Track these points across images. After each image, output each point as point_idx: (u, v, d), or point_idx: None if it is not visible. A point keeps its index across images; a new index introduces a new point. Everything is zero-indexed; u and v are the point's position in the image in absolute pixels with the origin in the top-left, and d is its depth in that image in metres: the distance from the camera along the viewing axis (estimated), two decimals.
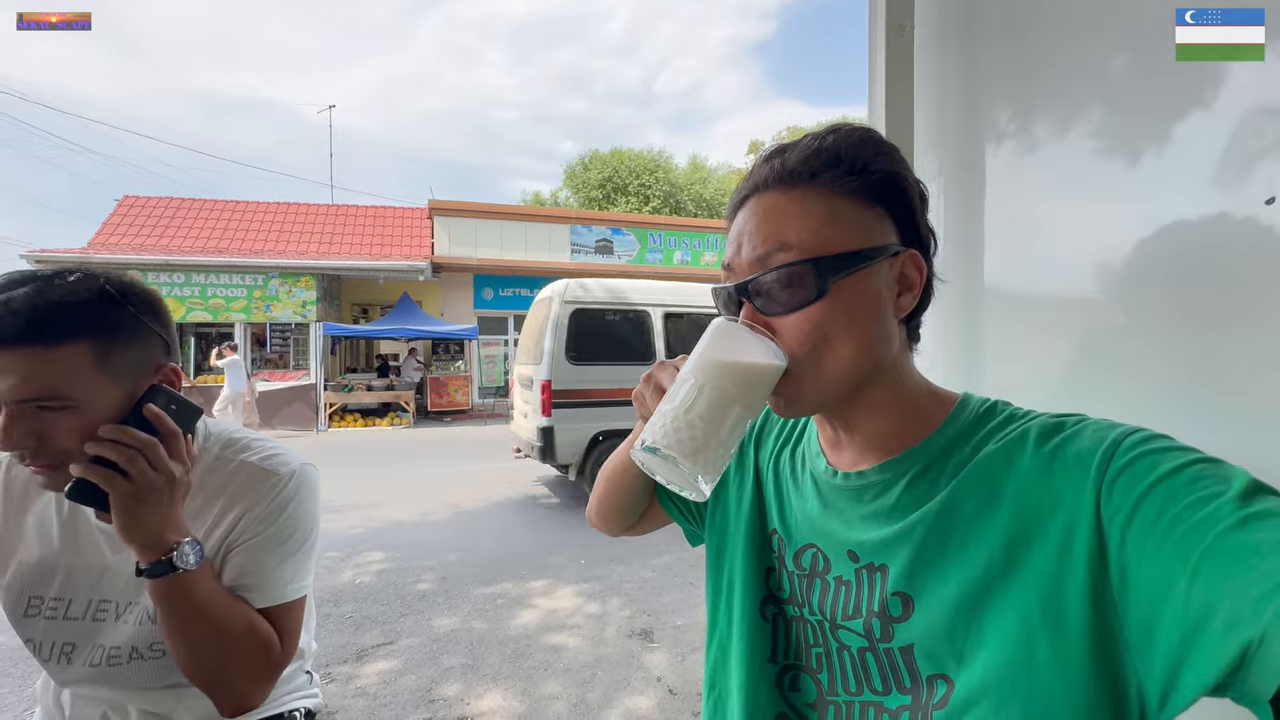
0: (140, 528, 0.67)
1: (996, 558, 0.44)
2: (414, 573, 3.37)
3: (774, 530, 0.60)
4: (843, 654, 0.52)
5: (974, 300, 0.94)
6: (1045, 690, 0.40)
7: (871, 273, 0.48)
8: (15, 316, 0.63)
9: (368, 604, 2.95)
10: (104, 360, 0.68)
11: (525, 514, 4.77)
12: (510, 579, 3.26)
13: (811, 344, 0.48)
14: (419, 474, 6.45)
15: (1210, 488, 0.36)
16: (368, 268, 11.64)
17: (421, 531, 4.23)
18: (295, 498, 0.82)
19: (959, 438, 0.50)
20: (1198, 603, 0.33)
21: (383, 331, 11.42)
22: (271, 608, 0.79)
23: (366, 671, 2.32)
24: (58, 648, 0.78)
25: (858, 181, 0.48)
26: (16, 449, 0.66)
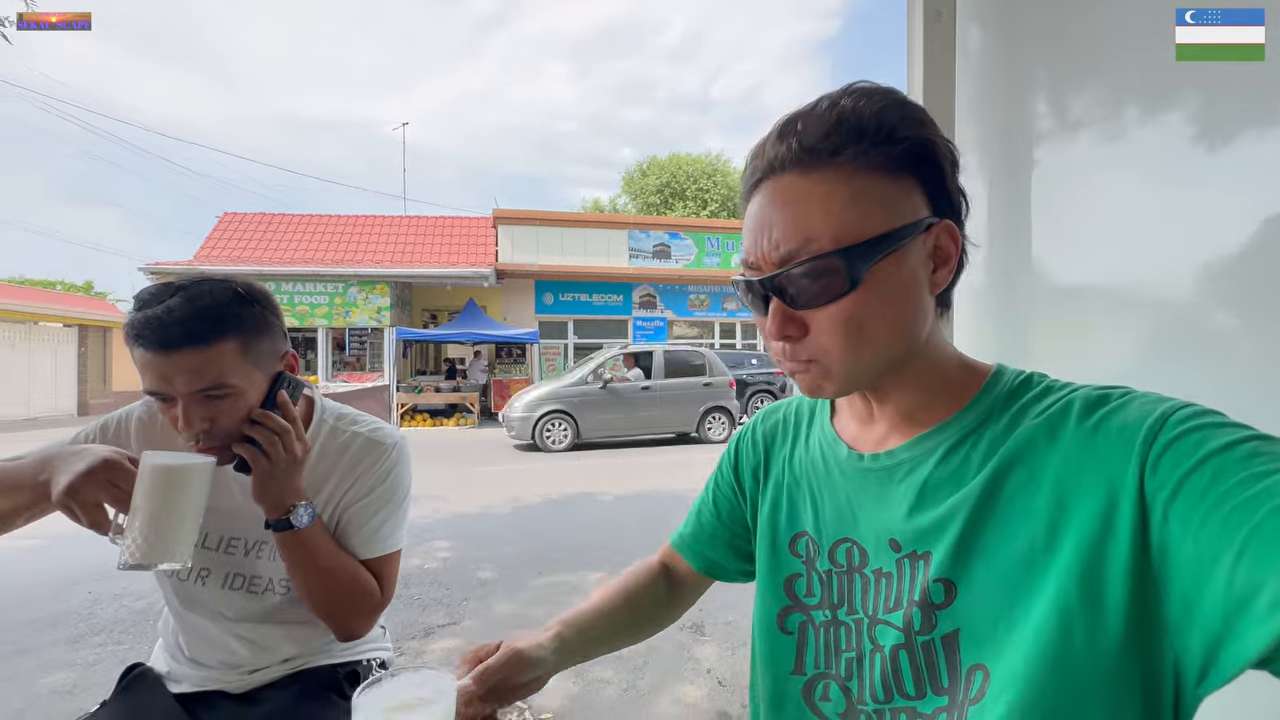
0: (269, 494, 0.83)
1: (1039, 536, 0.42)
2: (476, 561, 3.54)
3: (803, 532, 0.58)
4: (875, 656, 0.49)
5: (1020, 295, 0.93)
6: (1079, 672, 0.39)
7: (905, 253, 0.45)
8: (179, 325, 0.76)
9: (434, 588, 3.13)
10: (248, 352, 0.81)
11: (581, 510, 4.89)
12: (566, 570, 3.37)
13: (846, 336, 0.45)
14: (481, 470, 6.72)
15: (1265, 465, 0.34)
16: (436, 275, 12.23)
17: (484, 523, 4.43)
18: (397, 465, 0.97)
19: (992, 411, 0.48)
20: (1242, 580, 0.32)
21: (450, 336, 11.96)
22: (374, 559, 0.93)
23: (432, 648, 2.47)
24: (196, 572, 0.92)
25: (884, 153, 0.44)
26: (195, 432, 0.79)
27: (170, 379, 0.76)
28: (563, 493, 5.46)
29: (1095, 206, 0.81)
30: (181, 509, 0.72)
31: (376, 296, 11.76)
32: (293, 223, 13.80)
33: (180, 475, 0.72)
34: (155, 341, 0.75)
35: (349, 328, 11.90)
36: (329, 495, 0.93)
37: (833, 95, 0.47)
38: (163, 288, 0.80)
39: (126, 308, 12.99)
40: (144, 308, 0.78)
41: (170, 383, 0.77)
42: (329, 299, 11.63)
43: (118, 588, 3.11)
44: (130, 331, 0.77)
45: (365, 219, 14.26)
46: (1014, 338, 0.95)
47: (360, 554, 0.93)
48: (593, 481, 5.94)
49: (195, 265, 11.49)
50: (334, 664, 1.00)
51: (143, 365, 0.77)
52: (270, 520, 0.84)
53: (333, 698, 0.95)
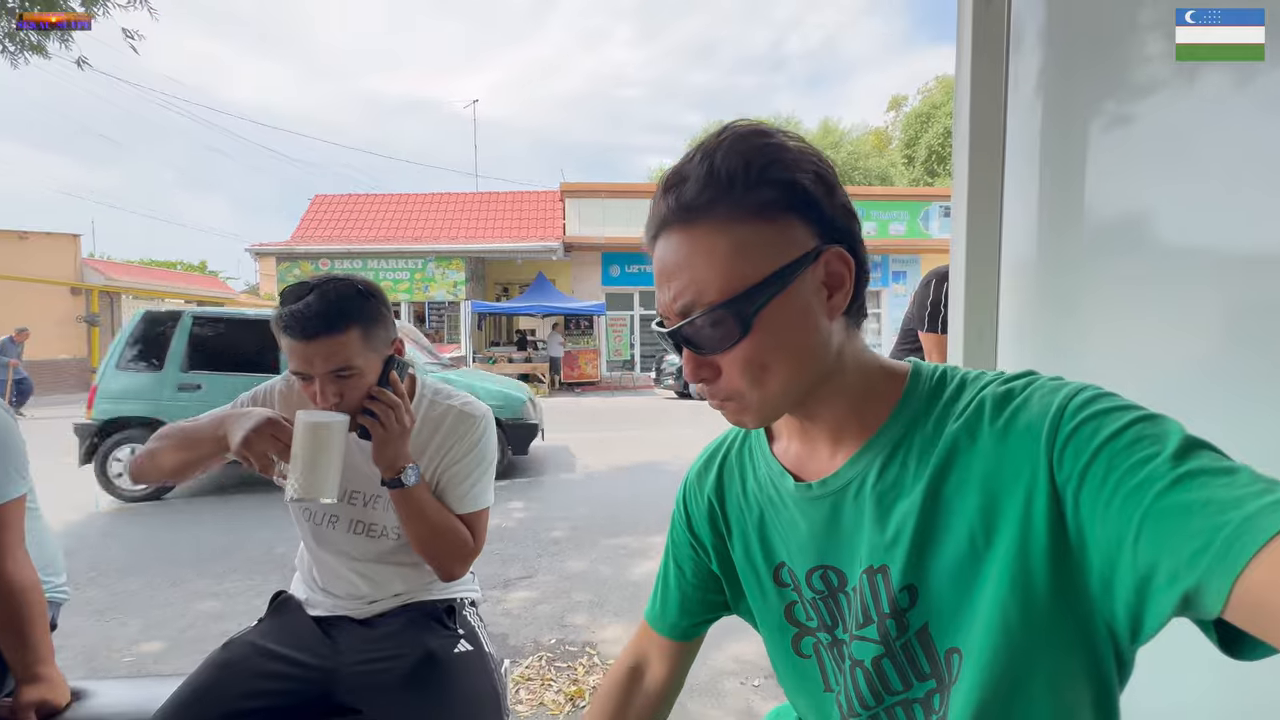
0: (384, 457, 0.99)
1: (978, 533, 0.46)
2: (549, 521, 3.80)
3: (781, 563, 0.59)
4: (856, 670, 0.53)
5: (1075, 280, 0.91)
6: (1021, 643, 0.44)
7: (793, 290, 0.47)
8: (318, 318, 0.93)
9: (511, 544, 3.40)
10: (368, 339, 0.97)
11: (649, 477, 5.08)
12: (632, 533, 3.56)
13: (750, 376, 0.48)
14: (552, 438, 7.06)
15: (1147, 449, 0.38)
16: (507, 249, 12.66)
17: (555, 487, 4.71)
18: (485, 434, 1.13)
19: (917, 415, 0.51)
20: (1143, 560, 0.37)
21: (521, 308, 12.41)
22: (467, 514, 1.10)
23: (511, 598, 2.72)
24: (327, 517, 1.12)
25: (755, 199, 0.46)
26: (329, 404, 0.96)
27: (310, 361, 0.94)
28: (632, 461, 5.67)
29: (1160, 166, 0.77)
30: (329, 454, 0.90)
31: (453, 271, 12.35)
32: (376, 202, 14.62)
33: (326, 429, 0.90)
34: (299, 332, 0.93)
35: (428, 301, 12.58)
36: (429, 459, 1.09)
37: (707, 145, 0.48)
38: (301, 285, 0.97)
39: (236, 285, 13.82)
40: (288, 303, 0.95)
41: (310, 364, 0.94)
42: (410, 274, 12.33)
43: (244, 538, 3.59)
44: (279, 323, 0.95)
45: (441, 196, 14.88)
46: (1068, 321, 0.93)
47: (456, 510, 1.09)
48: (659, 451, 6.12)
49: (294, 245, 12.44)
50: (435, 600, 1.18)
51: (289, 350, 0.95)
52: (385, 479, 1.01)
53: (434, 625, 1.13)
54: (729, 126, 0.49)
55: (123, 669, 2.17)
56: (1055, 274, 0.95)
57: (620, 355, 14.13)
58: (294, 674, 1.03)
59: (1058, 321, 0.95)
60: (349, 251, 12.25)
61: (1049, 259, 0.96)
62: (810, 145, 0.49)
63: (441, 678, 1.03)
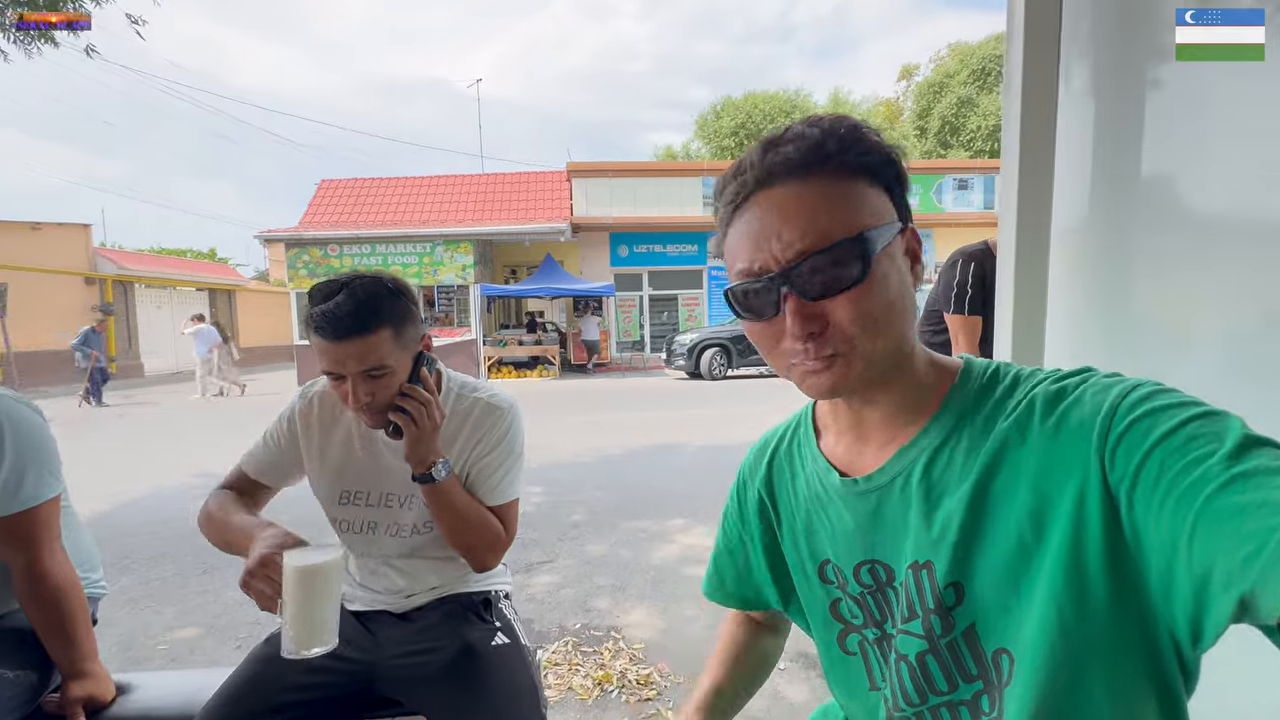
0: (416, 453, 0.99)
1: (1027, 531, 0.46)
2: (568, 506, 3.82)
3: (827, 559, 0.59)
4: (901, 665, 0.53)
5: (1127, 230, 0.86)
6: (1077, 645, 0.43)
7: (894, 247, 0.49)
8: (349, 318, 0.92)
9: (531, 529, 3.43)
10: (399, 338, 0.97)
11: (663, 460, 5.09)
12: (651, 517, 3.57)
13: (864, 322, 0.47)
14: (566, 421, 7.09)
15: (1202, 447, 0.37)
16: (515, 231, 12.59)
17: (573, 471, 4.73)
18: (512, 426, 1.12)
19: (964, 413, 0.51)
20: (1198, 562, 0.36)
21: (530, 290, 12.39)
22: (497, 506, 1.10)
23: (534, 582, 2.75)
24: (365, 525, 1.12)
25: (863, 162, 0.48)
26: (361, 404, 0.96)
27: (343, 362, 0.94)
28: (645, 444, 5.69)
29: (1226, 131, 0.73)
30: (323, 603, 0.81)
31: (461, 255, 12.31)
32: (383, 186, 14.55)
33: (316, 573, 0.80)
34: (330, 333, 0.92)
35: (437, 285, 12.57)
36: (458, 453, 1.09)
37: (802, 123, 0.50)
38: (330, 283, 0.96)
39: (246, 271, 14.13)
40: (318, 302, 0.94)
41: (343, 365, 0.94)
42: (419, 258, 12.31)
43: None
44: (311, 324, 0.94)
45: (447, 179, 14.78)
46: (1117, 278, 0.90)
47: (487, 501, 1.09)
48: (671, 433, 6.13)
49: (302, 231, 12.44)
50: (470, 592, 1.18)
51: (320, 351, 0.94)
52: (416, 475, 1.01)
53: (471, 618, 1.13)
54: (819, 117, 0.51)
55: (159, 657, 2.22)
56: (1109, 252, 0.92)
57: (630, 336, 14.12)
58: (336, 667, 1.03)
59: (1111, 301, 0.92)
60: (357, 236, 12.24)
61: (1101, 235, 0.92)
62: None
63: (480, 670, 1.03)
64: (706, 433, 6.05)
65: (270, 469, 1.15)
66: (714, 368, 10.71)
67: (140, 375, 14.60)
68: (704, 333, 11.12)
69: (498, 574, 1.26)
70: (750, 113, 23.67)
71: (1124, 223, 0.88)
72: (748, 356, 10.81)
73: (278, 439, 1.15)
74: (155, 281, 15.74)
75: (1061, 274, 0.97)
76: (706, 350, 10.75)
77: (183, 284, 16.91)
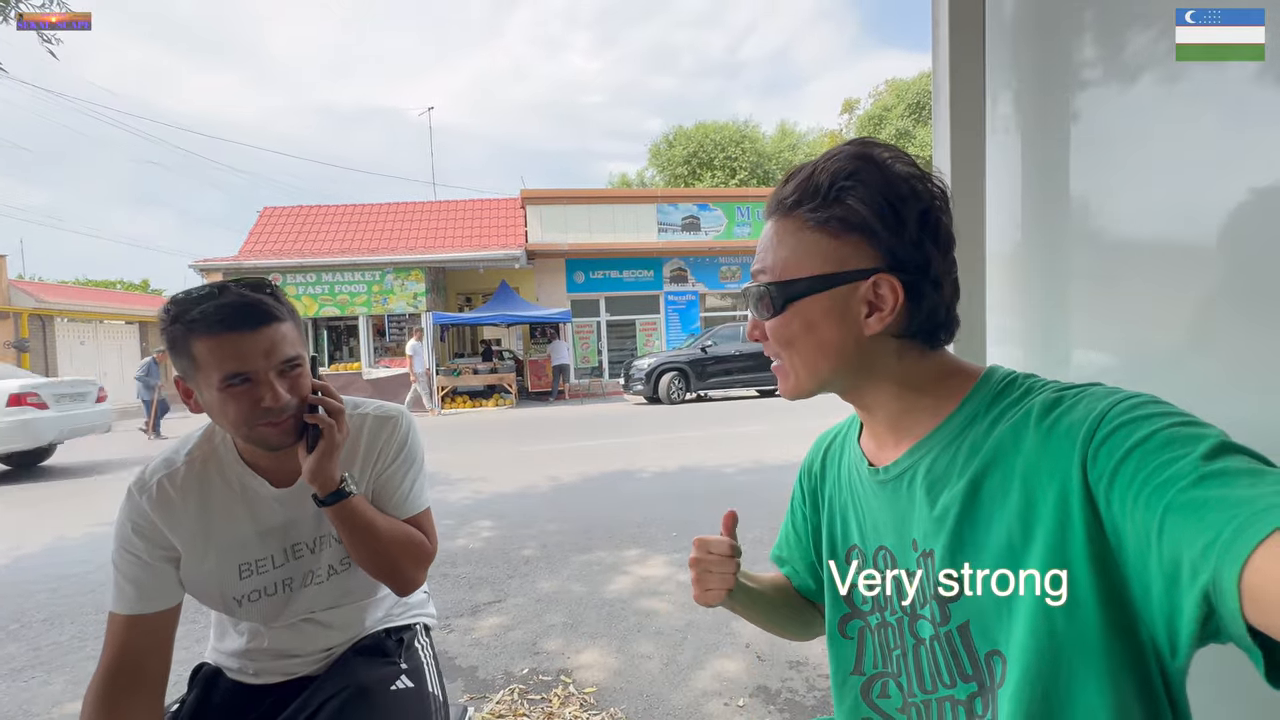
0: (324, 470, 0.88)
1: (1015, 532, 0.47)
2: (519, 540, 3.65)
3: (854, 546, 0.64)
4: (918, 650, 0.55)
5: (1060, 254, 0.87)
6: (1070, 652, 0.44)
7: (825, 297, 0.54)
8: (256, 307, 0.83)
9: (480, 566, 3.25)
10: (298, 332, 0.90)
11: (619, 488, 4.97)
12: (605, 548, 3.45)
13: (778, 346, 0.58)
14: (521, 450, 6.88)
15: (1179, 449, 0.38)
16: (468, 259, 12.40)
17: (525, 502, 4.55)
18: (409, 433, 1.04)
19: (975, 415, 0.53)
20: (1168, 557, 0.37)
21: (485, 318, 12.16)
22: (414, 516, 1.02)
23: (480, 625, 2.57)
24: (279, 585, 0.97)
25: (830, 214, 0.53)
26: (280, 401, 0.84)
27: (252, 356, 0.82)
28: (600, 470, 5.56)
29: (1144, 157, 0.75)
30: None
31: (412, 283, 12.01)
32: (329, 214, 14.15)
33: None
34: (239, 324, 0.81)
35: (388, 314, 12.20)
36: (358, 473, 0.99)
37: (824, 156, 0.56)
38: (201, 289, 0.85)
39: None
40: (202, 302, 0.82)
41: (255, 360, 0.82)
42: (367, 287, 11.94)
43: None
44: (204, 320, 0.80)
45: (397, 206, 14.50)
46: (1051, 297, 0.90)
47: (399, 515, 1.00)
48: (631, 458, 6.02)
49: (241, 260, 11.92)
50: (388, 628, 1.08)
51: (222, 351, 0.81)
52: (324, 497, 0.89)
53: (375, 657, 1.02)
54: (851, 141, 0.56)
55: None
56: (1041, 269, 0.92)
57: (588, 362, 13.99)
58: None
59: (1046, 316, 0.93)
60: (301, 265, 11.79)
61: (1035, 254, 0.93)
62: (919, 173, 0.54)
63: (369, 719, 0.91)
64: (662, 458, 5.97)
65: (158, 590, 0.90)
66: (672, 392, 10.69)
67: None
68: (661, 357, 11.12)
69: (418, 604, 1.15)
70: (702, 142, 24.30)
71: (1054, 244, 0.89)
72: (706, 380, 10.85)
73: (138, 556, 0.90)
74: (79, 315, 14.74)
75: (998, 297, 0.98)
76: (664, 374, 10.74)
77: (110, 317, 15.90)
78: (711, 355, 10.88)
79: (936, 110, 0.99)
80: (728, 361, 10.86)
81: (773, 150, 24.90)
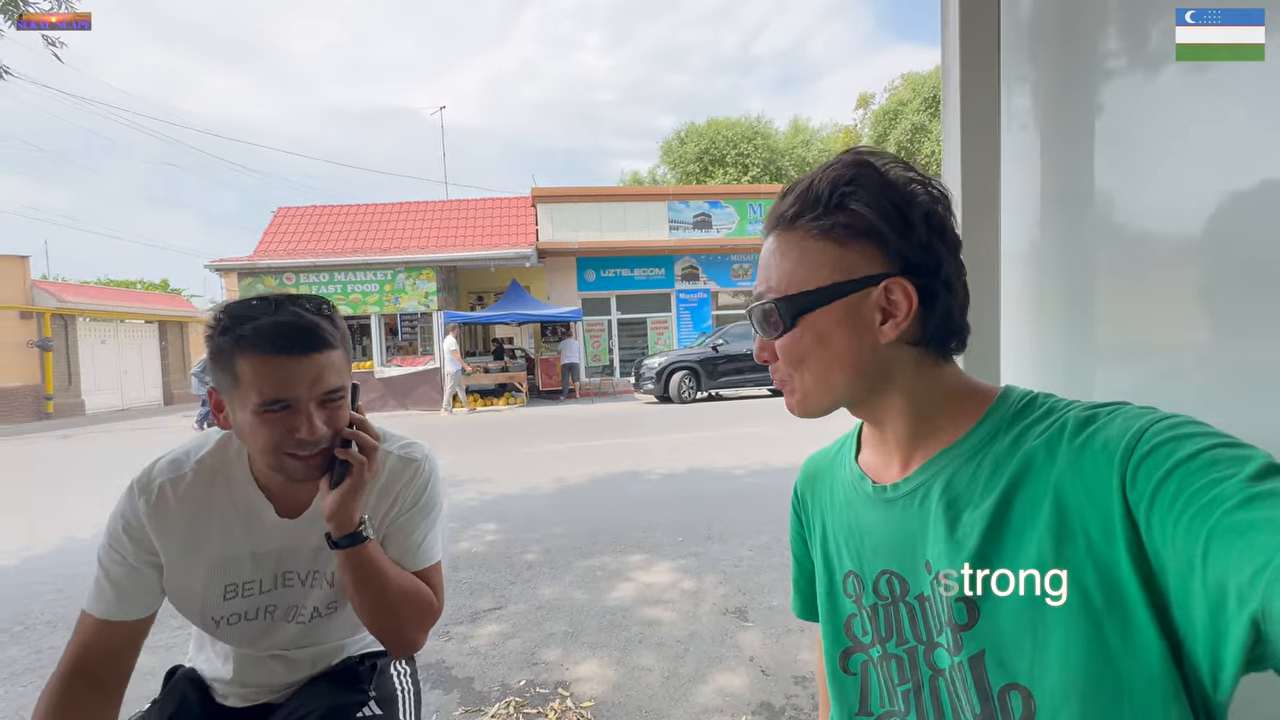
0: (345, 509, 0.82)
1: (1046, 551, 0.44)
2: (522, 544, 3.61)
3: (850, 573, 0.61)
4: (935, 682, 0.51)
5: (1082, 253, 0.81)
6: (1126, 678, 0.40)
7: (843, 305, 0.52)
8: (310, 330, 0.77)
9: (481, 571, 3.21)
10: (347, 360, 0.85)
11: (626, 490, 4.91)
12: (610, 553, 3.39)
13: (790, 364, 0.56)
14: (529, 450, 6.86)
15: (1223, 470, 0.37)
16: (480, 258, 12.42)
17: (530, 504, 4.51)
18: (430, 479, 0.97)
19: (996, 433, 0.51)
20: (1213, 582, 0.35)
21: (496, 317, 12.18)
22: (424, 569, 0.94)
23: (479, 633, 2.53)
24: (261, 611, 0.92)
25: (833, 221, 0.52)
26: (316, 434, 0.78)
27: (294, 384, 0.76)
28: (608, 472, 5.50)
29: (1170, 150, 0.71)
30: None
31: (424, 282, 12.06)
32: (342, 214, 14.25)
33: None
34: (285, 346, 0.76)
35: (400, 313, 12.26)
36: (373, 512, 0.92)
37: (822, 166, 0.54)
38: (263, 299, 0.80)
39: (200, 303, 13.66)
40: (257, 316, 0.77)
41: (298, 387, 0.77)
42: (379, 286, 12.01)
43: None
44: (255, 338, 0.75)
45: (409, 205, 14.56)
46: (1075, 298, 0.84)
47: (408, 567, 0.93)
48: (640, 459, 5.96)
49: (256, 260, 12.04)
50: (363, 654, 1.03)
51: (266, 373, 0.75)
52: (339, 539, 0.83)
53: (344, 682, 0.98)
54: (849, 150, 0.55)
55: None
56: (1061, 275, 0.85)
57: (599, 361, 13.95)
58: None
59: (1066, 323, 0.86)
60: (314, 265, 11.88)
61: (1052, 258, 0.86)
62: (919, 178, 0.53)
63: None
64: (670, 459, 5.90)
65: (137, 595, 0.87)
66: (683, 391, 10.61)
67: (80, 413, 13.80)
68: (672, 356, 11.04)
69: None
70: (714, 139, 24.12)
71: (1074, 244, 0.84)
72: (717, 379, 10.75)
73: (124, 557, 0.87)
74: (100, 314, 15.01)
75: (1014, 299, 0.92)
76: (675, 373, 10.66)
77: (130, 316, 16.18)
78: (723, 354, 10.78)
79: (946, 106, 0.94)
80: (739, 360, 10.74)
81: (786, 146, 24.65)
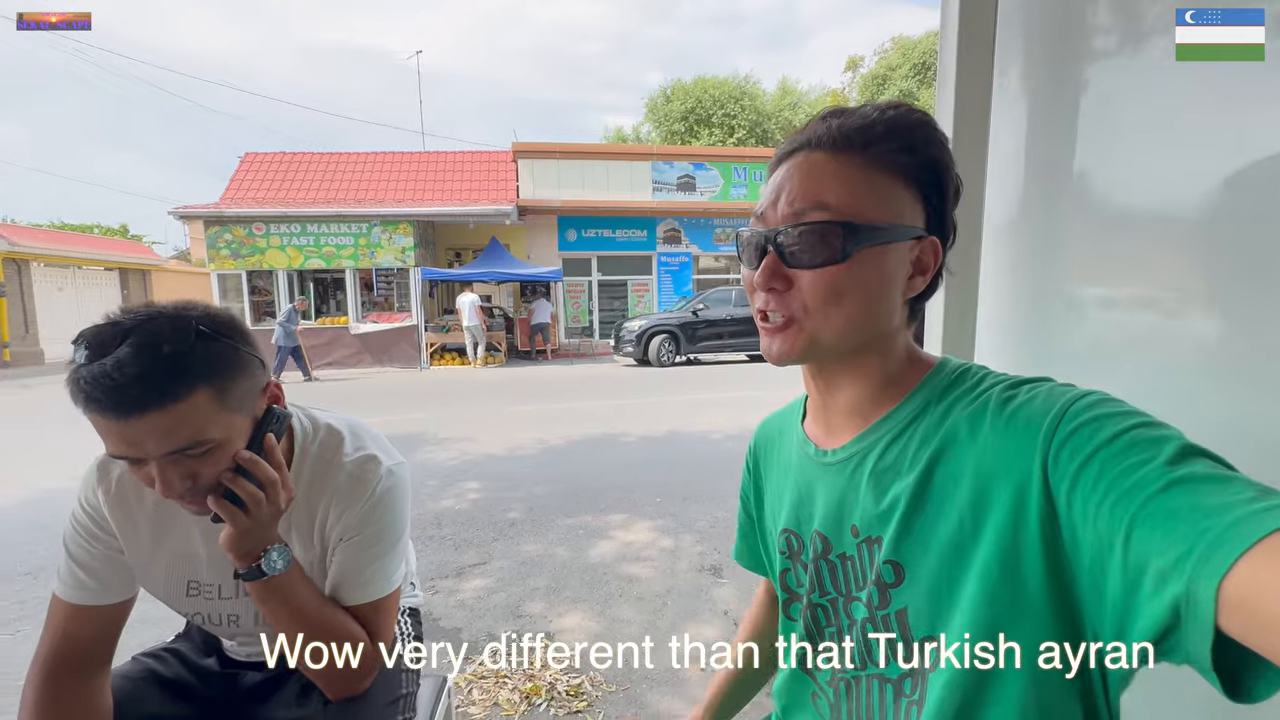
0: (245, 543, 0.75)
1: (966, 522, 0.47)
2: (505, 502, 3.69)
3: (787, 528, 0.64)
4: (852, 630, 0.57)
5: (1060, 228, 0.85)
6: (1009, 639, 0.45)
7: (893, 249, 0.51)
8: (137, 384, 0.63)
9: (465, 528, 3.29)
10: (223, 399, 0.70)
11: (606, 451, 5.01)
12: (590, 512, 3.49)
13: (824, 300, 0.51)
14: (509, 410, 6.90)
15: (1142, 453, 0.38)
16: (458, 213, 12.11)
17: (511, 464, 4.59)
18: (382, 502, 0.85)
19: (928, 403, 0.53)
20: (1132, 564, 0.37)
21: (474, 275, 11.98)
22: (361, 605, 0.84)
23: (465, 587, 2.62)
24: (225, 618, 0.90)
25: (905, 160, 0.50)
26: (177, 494, 0.70)
27: (140, 444, 0.66)
28: (587, 434, 5.59)
29: (1152, 129, 0.73)
30: None
31: (400, 236, 11.76)
32: (314, 161, 13.68)
33: None
34: (111, 407, 0.63)
35: (375, 268, 11.98)
36: (319, 527, 0.85)
37: (880, 104, 0.52)
38: (109, 327, 0.67)
39: (164, 250, 12.92)
40: (90, 356, 0.64)
41: (141, 447, 0.66)
42: (354, 239, 11.67)
43: None
44: (78, 391, 0.64)
45: (385, 155, 14.04)
46: (1049, 271, 0.89)
47: (347, 600, 0.84)
48: (617, 422, 6.05)
49: (223, 208, 11.56)
50: None
51: (103, 431, 0.66)
52: (240, 570, 0.77)
53: None
54: (893, 103, 0.53)
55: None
56: (1039, 252, 0.91)
57: (579, 322, 13.91)
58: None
59: (1041, 300, 0.91)
60: (284, 215, 11.46)
61: (1032, 234, 0.92)
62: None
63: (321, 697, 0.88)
64: (650, 422, 6.01)
65: (109, 581, 0.84)
66: (662, 355, 10.68)
67: (39, 363, 13.33)
68: (652, 319, 11.06)
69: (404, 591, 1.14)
70: (700, 98, 23.57)
71: (1055, 222, 0.88)
72: (696, 343, 10.84)
73: (90, 546, 0.83)
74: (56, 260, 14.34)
75: (992, 273, 0.97)
76: (655, 337, 10.71)
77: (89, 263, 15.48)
78: (703, 319, 10.84)
79: (942, 68, 0.97)
80: (719, 325, 10.83)
81: (773, 109, 24.23)
